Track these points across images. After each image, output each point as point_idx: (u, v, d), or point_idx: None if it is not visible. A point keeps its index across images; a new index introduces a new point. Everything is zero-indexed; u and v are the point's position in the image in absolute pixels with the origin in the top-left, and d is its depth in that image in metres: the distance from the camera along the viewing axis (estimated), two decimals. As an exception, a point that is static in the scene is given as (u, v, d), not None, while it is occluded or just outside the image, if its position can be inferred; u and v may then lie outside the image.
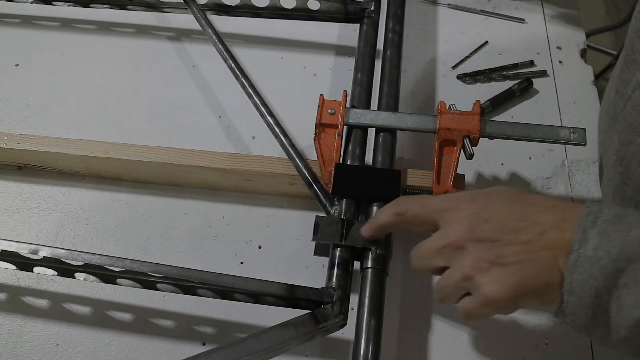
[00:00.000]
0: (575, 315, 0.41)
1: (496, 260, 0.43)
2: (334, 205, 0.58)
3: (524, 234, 0.44)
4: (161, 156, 0.64)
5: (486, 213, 0.45)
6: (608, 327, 0.40)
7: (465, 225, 0.46)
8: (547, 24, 0.83)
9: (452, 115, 0.61)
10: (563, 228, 0.42)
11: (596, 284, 0.40)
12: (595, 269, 0.40)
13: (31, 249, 0.54)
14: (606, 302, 0.40)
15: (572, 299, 0.41)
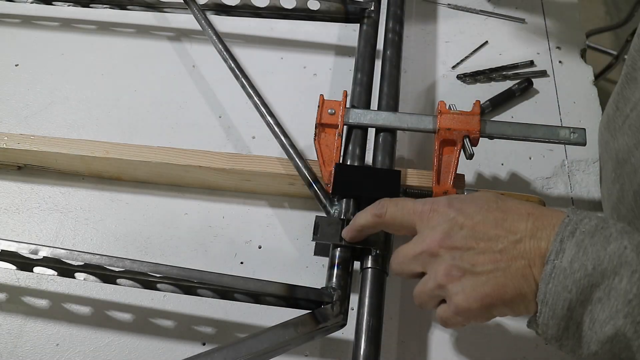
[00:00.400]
0: (547, 326, 0.41)
1: (469, 268, 0.43)
2: (334, 205, 0.58)
3: (499, 242, 0.43)
4: (161, 156, 0.64)
5: (461, 219, 0.45)
6: (579, 340, 0.40)
7: (440, 231, 0.45)
8: (547, 24, 0.83)
9: (452, 115, 0.61)
10: (539, 237, 0.42)
11: (570, 296, 0.39)
12: (569, 281, 0.39)
13: (31, 249, 0.54)
14: (579, 315, 0.39)
15: (545, 309, 0.41)
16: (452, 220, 0.45)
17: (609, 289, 0.38)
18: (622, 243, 0.39)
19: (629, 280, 0.38)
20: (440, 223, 0.46)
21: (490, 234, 0.44)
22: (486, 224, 0.44)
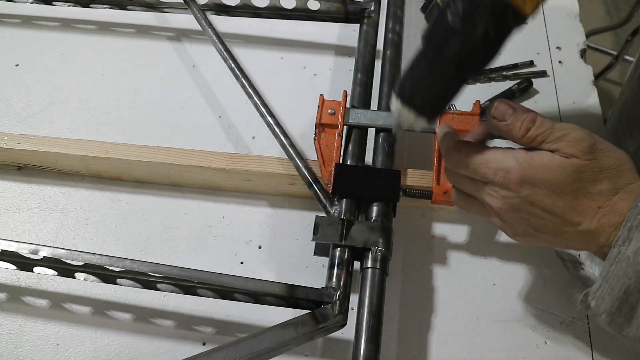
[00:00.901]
0: (603, 299, 0.43)
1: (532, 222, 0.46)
2: (334, 205, 0.58)
3: (564, 226, 0.45)
4: (161, 156, 0.64)
5: (530, 200, 0.46)
6: (629, 320, 0.43)
7: (507, 204, 0.47)
8: (547, 24, 0.83)
9: (452, 115, 0.61)
10: (602, 229, 0.44)
11: (629, 282, 0.42)
12: (631, 270, 0.42)
13: (31, 249, 0.54)
14: (635, 300, 0.42)
15: (605, 285, 0.43)
16: (521, 198, 0.46)
17: None
18: None
19: None
20: (508, 198, 0.46)
21: (557, 217, 0.45)
22: (554, 209, 0.45)
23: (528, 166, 0.45)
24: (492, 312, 0.59)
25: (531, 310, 0.59)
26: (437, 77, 0.45)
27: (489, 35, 0.42)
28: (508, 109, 0.46)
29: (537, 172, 0.45)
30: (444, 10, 0.43)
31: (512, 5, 0.41)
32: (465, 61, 0.44)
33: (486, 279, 0.61)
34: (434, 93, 0.46)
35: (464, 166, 0.48)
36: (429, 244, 0.63)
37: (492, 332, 0.57)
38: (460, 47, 0.43)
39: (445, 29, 0.43)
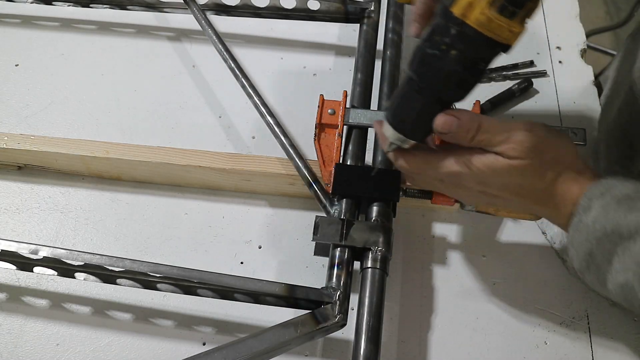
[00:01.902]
0: (573, 260, 0.48)
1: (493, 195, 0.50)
2: (334, 205, 0.58)
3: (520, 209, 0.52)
4: (161, 156, 0.64)
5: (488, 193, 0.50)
6: (598, 278, 0.46)
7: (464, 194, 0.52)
8: (547, 24, 0.83)
9: (452, 115, 0.60)
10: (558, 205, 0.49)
11: (591, 246, 0.46)
12: (591, 236, 0.45)
13: (31, 249, 0.54)
14: (599, 260, 0.46)
15: (572, 250, 0.48)
16: (477, 192, 0.50)
17: (624, 249, 0.44)
18: None
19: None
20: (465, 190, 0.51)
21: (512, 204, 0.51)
22: (509, 203, 0.51)
23: (476, 169, 0.48)
24: (492, 312, 0.59)
25: (531, 310, 0.59)
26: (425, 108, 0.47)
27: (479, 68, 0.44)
28: (452, 121, 0.47)
29: (486, 174, 0.48)
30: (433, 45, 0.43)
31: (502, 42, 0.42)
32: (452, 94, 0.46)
33: (486, 279, 0.61)
34: (422, 120, 0.48)
35: (417, 173, 0.52)
36: (429, 244, 0.63)
37: (492, 332, 0.57)
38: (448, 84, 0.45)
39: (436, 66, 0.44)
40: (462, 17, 0.41)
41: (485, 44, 0.42)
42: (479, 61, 0.44)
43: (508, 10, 0.40)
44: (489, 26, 0.41)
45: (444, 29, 0.42)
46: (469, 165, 0.48)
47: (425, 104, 0.47)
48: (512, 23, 0.41)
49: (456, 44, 0.42)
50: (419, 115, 0.48)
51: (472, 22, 0.41)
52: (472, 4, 0.40)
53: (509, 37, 0.42)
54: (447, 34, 0.42)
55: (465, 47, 0.42)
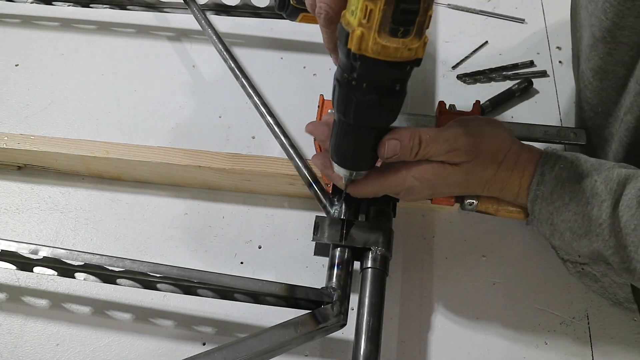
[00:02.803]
0: (539, 230, 0.52)
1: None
2: (334, 205, 0.58)
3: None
4: (161, 156, 0.64)
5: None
6: (564, 242, 0.51)
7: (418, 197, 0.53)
8: (547, 24, 0.83)
9: (452, 115, 0.61)
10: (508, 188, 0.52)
11: (552, 217, 0.50)
12: (550, 207, 0.50)
13: (31, 249, 0.54)
14: (561, 227, 0.50)
15: (534, 219, 0.51)
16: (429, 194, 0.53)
17: (583, 214, 0.48)
18: (592, 178, 0.48)
19: (599, 208, 0.47)
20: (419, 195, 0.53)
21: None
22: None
23: (426, 180, 0.50)
24: (492, 312, 0.59)
25: (531, 310, 0.59)
26: (361, 141, 0.48)
27: (397, 90, 0.44)
28: (395, 145, 0.48)
29: (436, 182, 0.50)
30: (346, 83, 0.43)
31: (409, 61, 0.42)
32: (381, 120, 0.47)
33: (486, 279, 0.61)
34: (363, 152, 0.49)
35: (372, 193, 0.53)
36: (429, 244, 0.63)
37: (492, 332, 0.57)
38: (372, 114, 0.45)
39: (355, 102, 0.44)
40: (359, 52, 0.40)
41: (390, 68, 0.42)
42: (393, 84, 0.44)
43: (399, 32, 0.39)
44: (387, 52, 0.40)
45: (348, 66, 0.42)
46: (420, 179, 0.50)
47: (360, 137, 0.48)
48: (407, 41, 0.40)
49: (364, 76, 0.42)
50: (358, 149, 0.49)
51: (370, 53, 0.40)
52: (364, 36, 0.40)
53: (410, 55, 0.41)
54: (353, 69, 0.42)
55: (373, 77, 0.42)
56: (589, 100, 0.60)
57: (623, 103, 0.55)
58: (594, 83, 0.59)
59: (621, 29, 0.53)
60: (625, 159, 0.56)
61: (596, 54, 0.57)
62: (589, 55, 0.59)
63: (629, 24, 0.52)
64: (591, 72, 0.58)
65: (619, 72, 0.55)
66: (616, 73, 0.56)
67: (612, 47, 0.55)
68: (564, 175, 0.49)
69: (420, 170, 0.50)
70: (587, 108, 0.61)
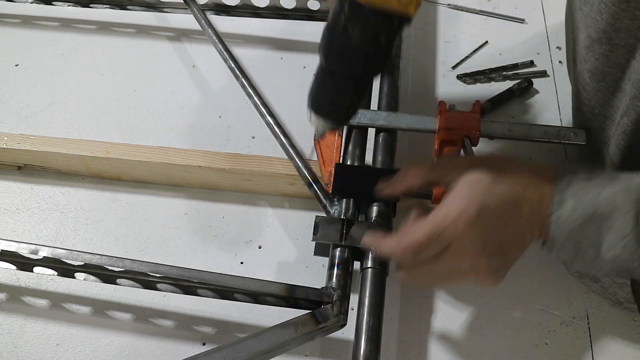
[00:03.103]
0: (559, 254, 0.49)
1: None
2: (334, 205, 0.58)
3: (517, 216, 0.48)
4: (161, 156, 0.64)
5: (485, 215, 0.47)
6: (585, 263, 0.48)
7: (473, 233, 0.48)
8: (547, 24, 0.83)
9: (452, 115, 0.61)
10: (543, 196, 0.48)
11: (576, 237, 0.47)
12: (575, 225, 0.46)
13: (31, 249, 0.54)
14: (585, 247, 0.47)
15: (557, 244, 0.48)
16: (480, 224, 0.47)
17: (607, 227, 0.46)
18: (612, 189, 0.46)
19: (622, 220, 0.45)
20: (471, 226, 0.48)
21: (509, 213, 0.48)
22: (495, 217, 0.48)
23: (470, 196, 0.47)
24: (492, 312, 0.59)
25: (531, 310, 0.59)
26: (339, 88, 0.48)
27: (381, 43, 0.44)
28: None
29: (480, 193, 0.48)
30: (333, 26, 0.44)
31: (398, 14, 0.42)
32: (362, 71, 0.47)
33: (486, 279, 0.60)
34: (340, 100, 0.49)
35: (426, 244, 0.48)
36: (429, 244, 0.63)
37: (492, 332, 0.57)
38: (354, 60, 0.46)
39: (338, 45, 0.45)
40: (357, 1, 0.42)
41: (378, 17, 0.42)
42: (378, 35, 0.44)
43: None
44: (381, 0, 0.41)
45: (339, 9, 0.43)
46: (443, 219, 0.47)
47: (337, 85, 0.48)
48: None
49: (352, 21, 0.43)
50: (335, 97, 0.49)
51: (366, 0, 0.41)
52: None
53: (399, 7, 0.42)
54: (342, 12, 0.43)
55: (361, 23, 0.43)
56: (586, 102, 0.60)
57: (619, 105, 0.55)
58: (590, 84, 0.58)
59: (616, 31, 0.53)
60: (622, 162, 0.56)
61: (592, 55, 0.57)
62: (585, 57, 0.58)
63: (624, 25, 0.52)
64: (588, 73, 0.58)
65: (615, 74, 0.55)
66: (612, 75, 0.56)
67: (607, 49, 0.54)
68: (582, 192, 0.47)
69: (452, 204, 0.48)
70: (584, 109, 0.61)
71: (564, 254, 0.48)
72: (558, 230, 0.47)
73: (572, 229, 0.47)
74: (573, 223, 0.47)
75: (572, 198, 0.47)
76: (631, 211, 0.45)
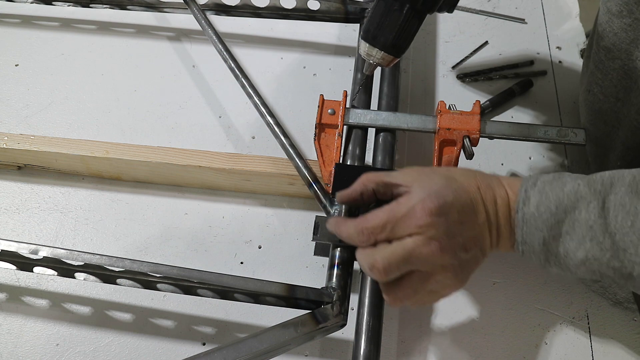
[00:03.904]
0: (531, 258, 0.48)
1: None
2: (334, 205, 0.58)
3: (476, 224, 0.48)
4: (161, 156, 0.64)
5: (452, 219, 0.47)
6: (560, 266, 0.47)
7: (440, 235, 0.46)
8: (547, 24, 0.83)
9: (452, 115, 0.61)
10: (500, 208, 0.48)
11: (542, 234, 0.46)
12: (539, 222, 0.46)
13: (31, 249, 0.54)
14: (554, 247, 0.46)
15: (526, 247, 0.47)
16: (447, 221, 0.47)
17: (573, 221, 0.45)
18: (576, 182, 0.46)
19: (586, 210, 0.45)
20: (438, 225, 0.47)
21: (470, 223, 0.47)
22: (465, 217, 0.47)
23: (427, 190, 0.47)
24: (492, 312, 0.59)
25: (531, 310, 0.59)
26: (395, 16, 0.51)
27: None
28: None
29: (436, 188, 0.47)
30: None
31: None
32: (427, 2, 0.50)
33: (486, 279, 0.61)
34: (394, 30, 0.52)
35: (381, 227, 0.47)
36: (429, 244, 0.63)
37: (492, 332, 0.57)
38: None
39: None
40: None
41: None
42: None
43: None
44: None
45: None
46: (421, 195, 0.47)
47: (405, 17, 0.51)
48: None
49: None
50: (390, 24, 0.52)
51: None
52: None
53: None
54: None
55: None
56: (599, 82, 0.59)
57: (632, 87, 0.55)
58: (605, 62, 0.57)
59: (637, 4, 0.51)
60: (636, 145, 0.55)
61: (610, 30, 0.55)
62: (602, 34, 0.57)
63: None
64: (604, 51, 0.57)
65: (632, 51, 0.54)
66: (629, 52, 0.54)
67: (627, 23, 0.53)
68: (547, 188, 0.46)
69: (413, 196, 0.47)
70: (596, 90, 0.60)
71: (535, 255, 0.47)
72: (524, 230, 0.47)
73: (537, 226, 0.46)
74: (537, 219, 0.46)
75: (536, 195, 0.47)
76: (594, 201, 0.45)
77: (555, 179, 0.47)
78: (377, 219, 0.47)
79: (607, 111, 0.59)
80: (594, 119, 0.61)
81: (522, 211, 0.47)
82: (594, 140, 0.62)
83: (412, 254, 0.46)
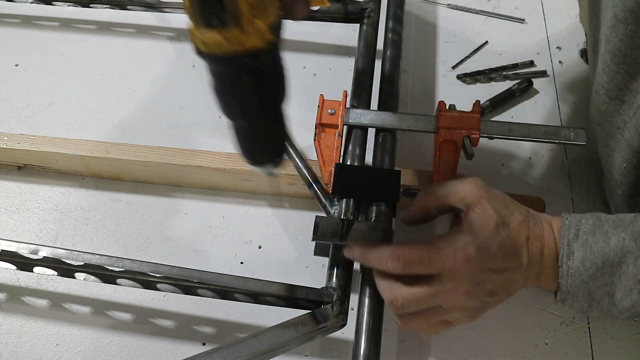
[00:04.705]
0: (574, 306, 0.49)
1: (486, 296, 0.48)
2: (334, 205, 0.58)
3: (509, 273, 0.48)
4: (161, 156, 0.64)
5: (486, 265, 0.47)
6: (602, 311, 0.48)
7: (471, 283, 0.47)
8: (547, 24, 0.83)
9: (452, 115, 0.61)
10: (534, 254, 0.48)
11: (588, 287, 0.47)
12: (585, 276, 0.47)
13: (31, 249, 0.54)
14: (599, 296, 0.47)
15: (569, 297, 0.48)
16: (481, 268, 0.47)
17: (620, 274, 0.46)
18: (620, 236, 0.46)
19: (634, 265, 0.45)
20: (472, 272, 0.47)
21: (504, 270, 0.48)
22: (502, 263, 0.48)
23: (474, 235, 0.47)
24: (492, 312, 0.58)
25: (531, 310, 0.59)
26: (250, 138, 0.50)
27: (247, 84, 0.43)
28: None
29: (484, 235, 0.47)
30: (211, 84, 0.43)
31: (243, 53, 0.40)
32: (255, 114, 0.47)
33: (486, 279, 0.60)
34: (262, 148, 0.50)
35: (420, 260, 0.47)
36: (429, 244, 0.63)
37: (492, 332, 0.57)
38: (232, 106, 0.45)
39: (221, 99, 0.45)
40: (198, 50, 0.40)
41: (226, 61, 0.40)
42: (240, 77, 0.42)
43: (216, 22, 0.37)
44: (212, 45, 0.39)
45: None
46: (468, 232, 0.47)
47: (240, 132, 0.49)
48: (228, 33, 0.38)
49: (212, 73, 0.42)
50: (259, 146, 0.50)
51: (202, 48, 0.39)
52: (192, 33, 0.39)
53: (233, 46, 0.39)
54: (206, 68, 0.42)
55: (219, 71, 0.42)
56: (604, 85, 0.59)
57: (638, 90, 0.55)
58: (611, 66, 0.58)
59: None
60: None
61: (616, 36, 0.56)
62: (609, 37, 0.58)
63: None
64: (609, 55, 0.57)
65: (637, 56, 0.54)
66: (634, 57, 0.55)
67: (632, 30, 0.53)
68: (590, 241, 0.47)
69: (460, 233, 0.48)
70: (602, 92, 0.60)
71: (577, 305, 0.49)
72: (569, 282, 0.48)
73: (583, 280, 0.47)
74: (584, 274, 0.47)
75: (581, 249, 0.47)
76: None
77: (597, 229, 0.47)
78: (419, 251, 0.47)
79: (612, 113, 0.59)
80: (599, 120, 0.61)
81: (567, 265, 0.47)
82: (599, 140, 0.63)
83: (436, 296, 0.47)
